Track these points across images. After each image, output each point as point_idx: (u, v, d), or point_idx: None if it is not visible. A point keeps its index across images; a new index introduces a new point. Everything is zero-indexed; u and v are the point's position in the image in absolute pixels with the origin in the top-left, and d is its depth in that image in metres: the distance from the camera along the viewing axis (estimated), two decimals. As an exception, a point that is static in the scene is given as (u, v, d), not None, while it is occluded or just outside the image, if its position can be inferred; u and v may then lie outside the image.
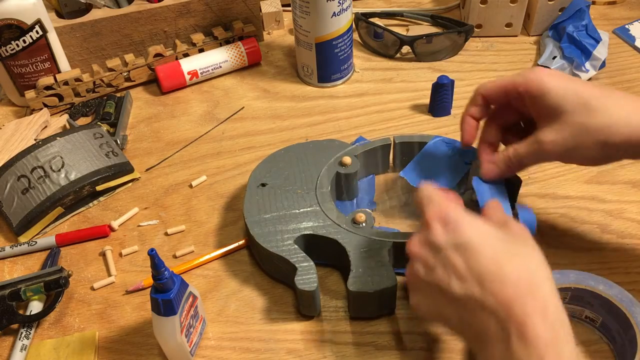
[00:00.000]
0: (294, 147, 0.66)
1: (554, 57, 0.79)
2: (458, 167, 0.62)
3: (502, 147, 0.58)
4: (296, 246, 0.56)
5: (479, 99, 0.55)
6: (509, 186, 0.60)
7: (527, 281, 0.40)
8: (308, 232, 0.57)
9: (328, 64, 0.79)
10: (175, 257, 0.63)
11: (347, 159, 0.63)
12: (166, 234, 0.65)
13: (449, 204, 0.45)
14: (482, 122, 0.58)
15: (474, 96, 0.55)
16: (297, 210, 0.59)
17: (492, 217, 0.46)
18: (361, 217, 0.58)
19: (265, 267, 0.61)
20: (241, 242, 0.63)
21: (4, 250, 0.64)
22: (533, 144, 0.51)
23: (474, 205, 0.57)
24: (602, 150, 0.48)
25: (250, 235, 0.59)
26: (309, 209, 0.59)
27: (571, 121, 0.48)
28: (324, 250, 0.58)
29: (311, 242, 0.58)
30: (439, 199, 0.46)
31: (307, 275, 0.54)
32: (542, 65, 0.79)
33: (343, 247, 0.56)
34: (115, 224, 0.66)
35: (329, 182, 0.62)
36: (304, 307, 0.56)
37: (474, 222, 0.44)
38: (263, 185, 0.62)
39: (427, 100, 0.76)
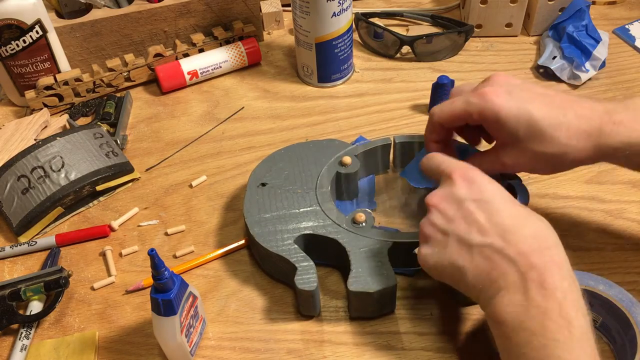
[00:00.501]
0: (294, 146, 0.66)
1: (554, 57, 0.79)
2: None
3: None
4: (296, 246, 0.56)
5: (437, 127, 0.56)
6: (508, 187, 0.60)
7: (544, 238, 0.44)
8: (308, 232, 0.57)
9: (328, 64, 0.79)
10: (175, 257, 0.63)
11: (347, 159, 0.63)
12: (166, 234, 0.65)
13: (472, 167, 0.49)
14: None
15: (432, 125, 0.56)
16: (297, 210, 0.59)
17: None
18: (361, 217, 0.58)
19: (265, 267, 0.61)
20: (241, 242, 0.63)
21: (4, 250, 0.64)
22: (495, 164, 0.54)
23: None
24: (555, 170, 0.53)
25: (250, 235, 0.59)
26: (309, 208, 0.59)
27: (527, 148, 0.51)
28: (324, 250, 0.58)
29: (311, 242, 0.58)
30: (463, 163, 0.50)
31: (307, 275, 0.54)
32: (542, 65, 0.79)
33: (343, 247, 0.56)
34: (115, 224, 0.66)
35: (329, 182, 0.62)
36: (304, 307, 0.56)
37: (497, 185, 0.47)
38: (263, 185, 0.62)
39: (427, 100, 0.76)
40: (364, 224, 0.58)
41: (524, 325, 0.41)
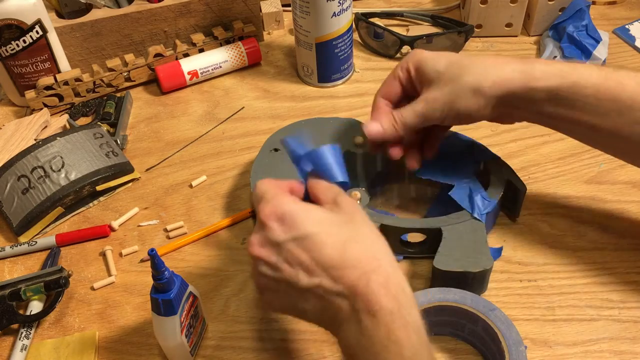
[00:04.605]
0: (315, 120, 0.69)
1: (554, 57, 0.79)
2: (467, 164, 0.62)
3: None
4: None
5: (378, 100, 0.58)
6: (513, 194, 0.60)
7: (368, 260, 0.42)
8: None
9: (328, 64, 0.79)
10: (167, 235, 0.63)
11: (360, 139, 0.64)
12: (168, 236, 0.65)
13: (281, 199, 0.45)
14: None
15: (377, 104, 0.58)
16: (299, 179, 0.61)
17: (322, 198, 0.47)
18: (356, 195, 0.59)
19: None
20: (247, 211, 0.66)
21: (4, 250, 0.64)
22: (415, 104, 0.55)
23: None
24: (476, 96, 0.52)
25: (251, 196, 0.62)
26: None
27: (447, 77, 0.53)
28: None
29: None
30: (272, 195, 0.45)
31: None
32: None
33: None
34: (115, 224, 0.66)
35: None
36: None
37: (309, 212, 0.44)
38: (276, 150, 0.65)
39: (427, 100, 0.76)
40: (357, 203, 0.59)
41: (364, 356, 0.41)
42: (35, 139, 0.74)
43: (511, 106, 0.53)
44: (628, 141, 0.51)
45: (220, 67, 0.83)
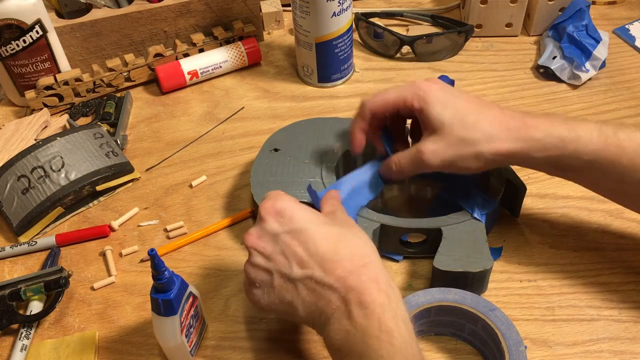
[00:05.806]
0: (315, 120, 0.69)
1: (554, 57, 0.79)
2: None
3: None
4: None
5: (367, 114, 0.57)
6: (513, 194, 0.60)
7: (359, 256, 0.45)
8: (302, 200, 0.59)
9: (328, 64, 0.79)
10: (167, 235, 0.63)
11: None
12: (167, 236, 0.65)
13: (281, 196, 0.49)
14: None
15: (362, 111, 0.57)
16: (300, 179, 0.62)
17: (324, 207, 0.52)
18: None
19: None
20: (247, 211, 0.66)
21: (4, 250, 0.64)
22: (414, 154, 0.55)
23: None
24: (477, 160, 0.53)
25: (252, 196, 0.62)
26: (311, 179, 0.62)
27: (449, 134, 0.52)
28: None
29: None
30: (273, 194, 0.49)
31: None
32: (542, 65, 0.79)
33: None
34: (115, 224, 0.66)
35: (336, 158, 0.64)
36: None
37: (306, 211, 0.48)
38: (276, 150, 0.65)
39: (427, 100, 0.76)
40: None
41: (352, 349, 0.42)
42: (35, 139, 0.74)
43: (506, 164, 0.55)
44: (631, 197, 0.53)
45: (220, 67, 0.83)
